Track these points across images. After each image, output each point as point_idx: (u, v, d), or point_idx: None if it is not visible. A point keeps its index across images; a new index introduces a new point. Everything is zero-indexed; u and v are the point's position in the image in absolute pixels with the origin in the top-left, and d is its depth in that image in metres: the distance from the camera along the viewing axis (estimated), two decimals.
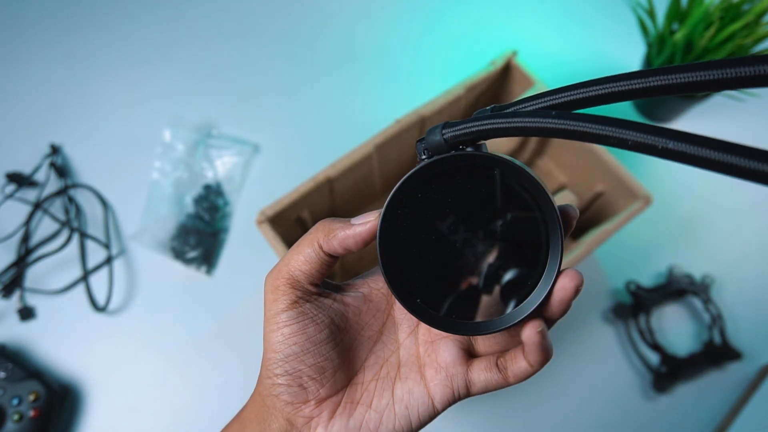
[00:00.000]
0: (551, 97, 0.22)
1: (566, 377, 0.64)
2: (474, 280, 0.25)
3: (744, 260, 0.69)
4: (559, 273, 0.24)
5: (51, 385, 0.60)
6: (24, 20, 0.83)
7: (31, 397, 0.58)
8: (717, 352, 0.63)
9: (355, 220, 0.26)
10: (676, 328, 0.67)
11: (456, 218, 0.25)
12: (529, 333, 0.25)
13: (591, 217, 0.68)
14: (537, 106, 0.22)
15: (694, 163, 0.17)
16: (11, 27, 0.83)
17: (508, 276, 0.25)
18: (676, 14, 0.65)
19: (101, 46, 0.82)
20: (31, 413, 0.58)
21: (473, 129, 0.23)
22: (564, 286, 0.24)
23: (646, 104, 0.76)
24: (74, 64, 0.80)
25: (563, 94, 0.21)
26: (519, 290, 0.25)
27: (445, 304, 0.26)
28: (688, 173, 0.73)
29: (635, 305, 0.65)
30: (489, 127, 0.22)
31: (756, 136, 0.76)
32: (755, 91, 0.69)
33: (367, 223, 0.26)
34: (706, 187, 0.73)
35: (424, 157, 0.25)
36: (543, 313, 0.26)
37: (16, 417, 0.57)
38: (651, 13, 0.66)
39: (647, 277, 0.68)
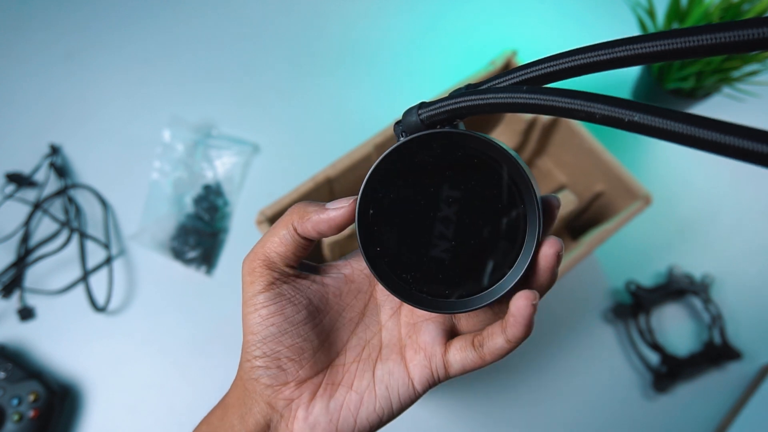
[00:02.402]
0: (523, 72, 0.22)
1: (566, 377, 0.64)
2: (453, 258, 0.25)
3: (744, 260, 0.69)
4: (538, 246, 0.24)
5: (51, 386, 0.60)
6: (24, 20, 0.83)
7: (31, 398, 0.58)
8: (717, 352, 0.63)
9: (330, 205, 0.26)
10: (676, 328, 0.67)
11: (434, 196, 0.25)
12: (521, 304, 0.24)
13: (591, 217, 0.68)
14: (510, 82, 0.22)
15: (659, 135, 0.17)
16: (11, 27, 0.83)
17: (487, 253, 0.25)
18: (675, 14, 0.65)
19: (101, 46, 0.82)
20: (31, 413, 0.58)
21: (448, 107, 0.23)
22: (545, 253, 0.24)
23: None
24: (74, 64, 0.80)
25: (535, 68, 0.21)
26: (498, 267, 0.25)
27: (424, 282, 0.26)
28: (688, 172, 0.73)
29: (635, 305, 0.65)
30: (464, 104, 0.22)
31: None
32: (755, 90, 0.69)
33: (341, 208, 0.26)
34: (706, 186, 0.73)
35: (402, 138, 0.25)
36: (531, 286, 0.25)
37: (15, 417, 0.57)
38: (651, 13, 0.66)
39: (647, 277, 0.68)
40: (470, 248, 0.25)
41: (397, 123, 0.25)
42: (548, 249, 0.24)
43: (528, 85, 0.21)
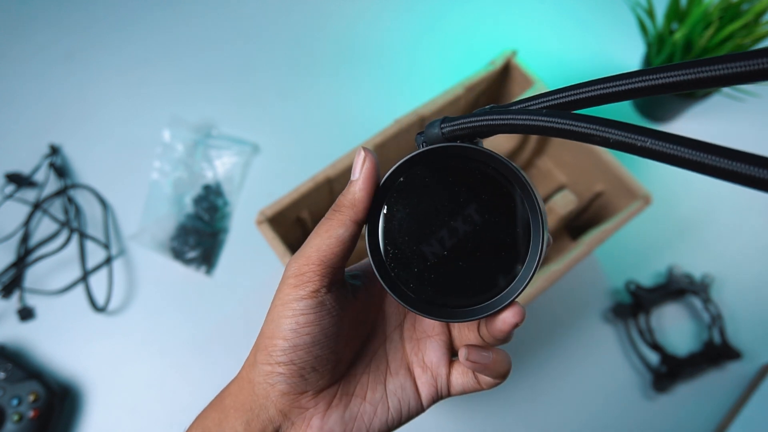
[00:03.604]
0: (549, 98, 0.22)
1: (566, 377, 0.64)
2: (453, 268, 0.26)
3: (744, 260, 0.69)
4: (524, 287, 0.25)
5: (51, 386, 0.60)
6: (24, 20, 0.83)
7: (31, 398, 0.58)
8: (717, 352, 0.63)
9: (354, 173, 0.26)
10: (676, 328, 0.67)
11: (444, 207, 0.25)
12: (461, 359, 0.26)
13: (591, 216, 0.68)
14: (535, 107, 0.23)
15: (671, 161, 0.17)
16: (11, 27, 0.83)
17: (485, 270, 0.25)
18: (675, 14, 0.65)
19: (101, 46, 0.82)
20: (31, 414, 0.58)
21: (470, 125, 0.24)
22: (504, 318, 0.25)
23: (646, 104, 0.76)
24: (74, 64, 0.80)
25: (561, 95, 0.22)
26: (492, 286, 0.25)
27: (422, 288, 0.26)
28: (688, 173, 0.73)
29: (635, 305, 0.65)
30: (484, 123, 0.23)
31: (756, 136, 0.76)
32: (755, 90, 0.69)
33: (363, 161, 0.25)
34: (706, 186, 0.73)
35: (421, 148, 0.26)
36: (483, 331, 0.27)
37: (15, 417, 0.57)
38: (650, 13, 0.66)
39: (647, 276, 0.68)
40: (470, 262, 0.25)
41: (419, 133, 0.26)
42: (510, 317, 0.25)
43: (548, 110, 0.22)
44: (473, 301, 0.26)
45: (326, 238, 0.25)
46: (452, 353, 0.29)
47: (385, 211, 0.26)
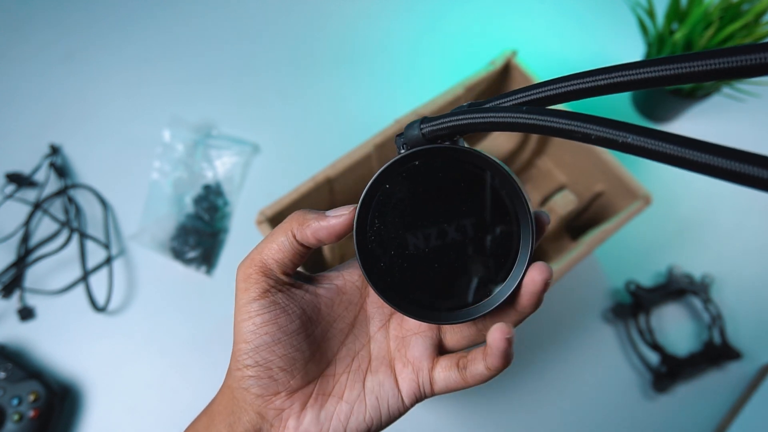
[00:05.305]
0: (527, 93, 0.22)
1: (566, 377, 0.64)
2: (445, 271, 0.26)
3: (744, 260, 0.69)
4: (528, 268, 0.25)
5: (51, 386, 0.60)
6: (24, 20, 0.83)
7: (31, 398, 0.58)
8: (717, 352, 0.63)
9: (330, 213, 0.26)
10: (676, 328, 0.67)
11: (431, 209, 0.25)
12: (496, 337, 0.24)
13: (591, 216, 0.68)
14: (513, 102, 0.23)
15: (651, 156, 0.17)
16: (11, 27, 0.83)
17: (479, 269, 0.25)
18: (675, 14, 0.65)
19: (101, 46, 0.82)
20: (31, 413, 0.58)
21: (450, 124, 0.23)
22: (533, 278, 0.25)
23: (645, 105, 0.76)
24: (74, 64, 0.80)
25: (538, 90, 0.22)
26: (487, 284, 0.25)
27: (414, 292, 0.26)
28: (688, 173, 0.73)
29: (635, 305, 0.65)
30: (465, 122, 0.23)
31: (756, 136, 0.76)
32: (755, 90, 0.69)
33: (341, 216, 0.26)
34: (706, 187, 0.73)
35: (402, 151, 0.25)
36: (514, 307, 0.26)
37: (15, 417, 0.57)
38: (650, 13, 0.66)
39: (647, 276, 0.68)
40: (462, 263, 0.25)
41: (399, 135, 0.26)
42: (537, 275, 0.24)
43: (528, 106, 0.22)
44: (465, 303, 0.26)
45: (269, 242, 0.27)
46: (439, 350, 0.29)
47: (372, 218, 0.26)
